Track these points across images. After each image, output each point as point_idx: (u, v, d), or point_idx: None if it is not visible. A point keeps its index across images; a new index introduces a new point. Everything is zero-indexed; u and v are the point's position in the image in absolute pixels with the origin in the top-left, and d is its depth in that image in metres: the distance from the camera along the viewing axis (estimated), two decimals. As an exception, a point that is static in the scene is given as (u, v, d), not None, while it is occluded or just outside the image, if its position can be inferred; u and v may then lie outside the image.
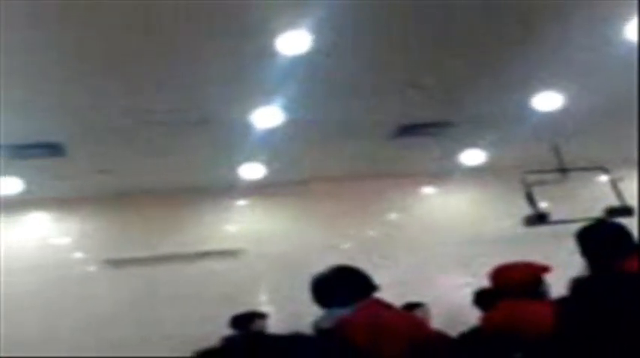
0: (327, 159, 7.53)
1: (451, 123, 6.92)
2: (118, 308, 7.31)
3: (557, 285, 3.69)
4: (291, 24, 4.87)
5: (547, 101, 6.57)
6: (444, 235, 8.09)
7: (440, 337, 3.34)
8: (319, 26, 4.88)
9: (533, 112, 6.70)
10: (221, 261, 7.78)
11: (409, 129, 6.97)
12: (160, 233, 7.74)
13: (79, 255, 7.78)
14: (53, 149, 6.45)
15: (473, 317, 4.43)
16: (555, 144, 7.38)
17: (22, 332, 6.90)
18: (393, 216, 8.41)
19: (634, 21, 5.26)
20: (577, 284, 3.00)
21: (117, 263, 7.61)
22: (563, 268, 4.06)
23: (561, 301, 3.17)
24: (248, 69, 5.40)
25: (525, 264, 3.80)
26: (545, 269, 3.72)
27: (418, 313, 5.95)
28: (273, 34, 4.95)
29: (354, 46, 5.25)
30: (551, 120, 6.81)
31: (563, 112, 6.70)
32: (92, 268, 7.70)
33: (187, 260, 7.66)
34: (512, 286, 3.63)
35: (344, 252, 7.71)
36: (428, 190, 8.65)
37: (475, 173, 8.02)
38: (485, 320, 3.77)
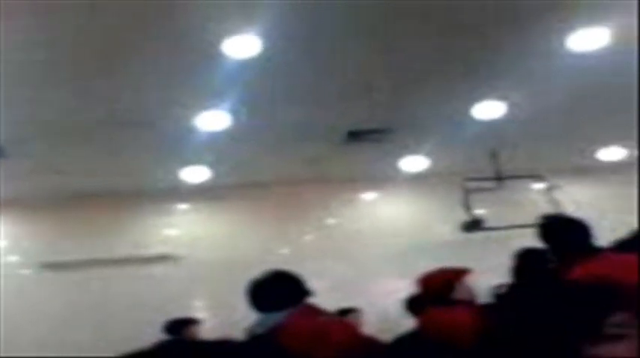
0: (272, 163, 7.54)
1: (394, 130, 6.99)
2: (54, 313, 7.17)
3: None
4: (240, 28, 4.88)
5: (488, 109, 6.70)
6: (383, 241, 8.13)
7: (371, 342, 3.38)
8: (268, 31, 4.90)
9: (474, 120, 6.83)
10: (160, 266, 7.68)
11: (354, 135, 7.04)
12: (99, 236, 7.60)
13: (13, 258, 7.62)
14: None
15: (406, 322, 4.50)
16: (494, 151, 7.54)
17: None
18: (332, 221, 8.43)
19: (576, 33, 5.39)
20: (501, 292, 3.09)
21: (53, 266, 7.45)
22: (498, 273, 4.20)
23: (485, 307, 3.25)
24: (195, 72, 5.38)
25: (442, 270, 3.87)
26: (459, 273, 3.77)
27: (351, 318, 5.97)
28: (220, 37, 4.96)
29: (302, 52, 5.29)
30: (491, 128, 6.93)
31: (504, 121, 6.83)
32: (27, 272, 7.54)
33: (126, 264, 7.52)
34: (430, 292, 3.72)
35: (282, 257, 7.70)
36: (369, 196, 8.70)
37: (416, 179, 8.11)
38: (418, 325, 3.86)
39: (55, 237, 7.62)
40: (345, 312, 6.06)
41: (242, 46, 5.09)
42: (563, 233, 3.55)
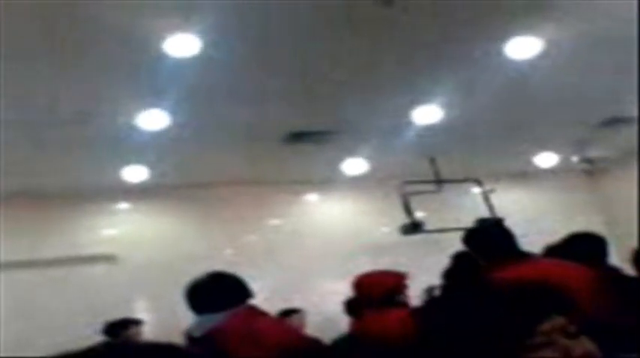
0: (213, 164, 7.50)
1: (335, 132, 7.04)
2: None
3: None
4: (180, 27, 4.82)
5: (427, 114, 6.80)
6: (324, 242, 8.19)
7: (313, 343, 3.37)
8: (208, 30, 4.86)
9: (413, 124, 6.94)
10: (99, 266, 7.55)
11: (295, 137, 7.06)
12: (36, 236, 7.39)
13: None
14: None
15: (347, 324, 4.56)
16: (432, 156, 7.66)
17: None
18: (274, 222, 8.44)
19: (514, 39, 5.51)
20: (434, 294, 3.13)
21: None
22: (436, 275, 4.27)
23: (417, 310, 3.29)
24: (134, 70, 5.30)
25: (377, 273, 3.93)
26: (395, 277, 3.84)
27: (294, 320, 6.01)
28: (161, 36, 4.89)
29: (243, 52, 5.26)
30: (430, 132, 7.05)
31: (442, 125, 6.95)
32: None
33: (64, 264, 7.35)
34: (365, 295, 3.76)
35: (223, 259, 7.66)
36: (310, 198, 8.75)
37: (356, 182, 8.20)
38: (351, 328, 3.89)
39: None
40: (288, 313, 6.07)
41: (182, 45, 5.02)
42: (486, 238, 3.65)
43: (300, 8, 4.77)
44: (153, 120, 6.21)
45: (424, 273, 4.60)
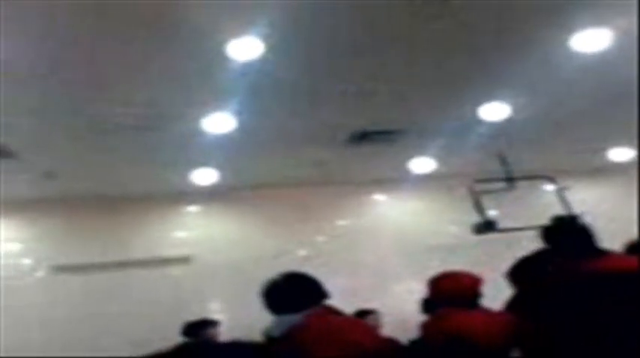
0: (280, 165, 7.53)
1: (401, 132, 6.99)
2: (66, 316, 7.16)
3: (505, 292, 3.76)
4: (242, 30, 4.84)
5: (494, 111, 6.68)
6: (395, 242, 8.15)
7: (391, 344, 3.34)
8: (270, 33, 4.87)
9: (481, 122, 6.82)
10: (172, 268, 7.71)
11: (361, 137, 7.03)
12: (110, 238, 7.63)
13: (26, 261, 7.61)
14: (1, 151, 6.31)
15: (423, 324, 4.48)
16: (502, 153, 7.49)
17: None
18: (344, 223, 8.43)
19: (579, 33, 5.38)
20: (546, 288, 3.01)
21: (65, 269, 7.47)
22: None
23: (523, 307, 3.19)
24: (200, 75, 5.36)
25: (458, 273, 3.85)
26: (477, 279, 3.79)
27: (369, 320, 5.96)
28: (224, 39, 4.92)
29: (306, 54, 5.26)
30: (498, 129, 6.94)
31: (510, 122, 6.83)
32: (40, 274, 7.54)
33: (138, 266, 7.56)
34: (448, 295, 3.69)
35: (295, 259, 7.72)
36: (378, 197, 8.69)
37: (424, 181, 8.12)
38: (423, 327, 3.81)
39: (66, 239, 7.63)
40: (364, 314, 6.02)
41: (245, 47, 5.04)
42: (566, 235, 3.53)
43: (364, 8, 4.74)
44: (219, 123, 6.27)
45: (499, 273, 4.48)
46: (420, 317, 4.81)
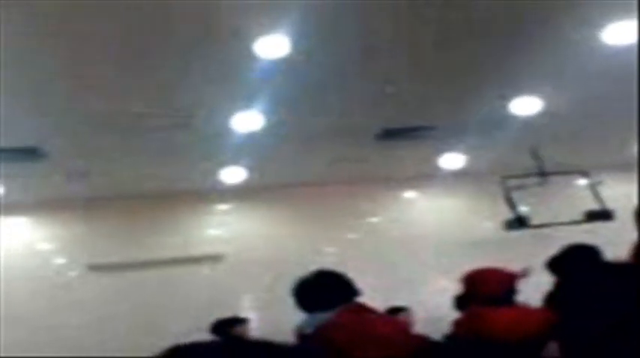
0: (309, 162, 7.53)
1: (431, 128, 6.94)
2: (101, 314, 7.26)
3: (538, 289, 3.72)
4: (269, 28, 4.84)
5: (525, 106, 6.61)
6: (426, 239, 8.12)
7: (424, 341, 3.31)
8: (297, 30, 4.87)
9: (512, 117, 6.74)
10: (203, 266, 7.77)
11: (390, 134, 6.99)
12: (141, 237, 7.71)
13: (61, 260, 7.72)
14: (32, 153, 6.40)
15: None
16: (534, 148, 7.41)
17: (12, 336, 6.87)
18: (374, 220, 8.42)
19: (611, 26, 5.31)
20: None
21: (99, 268, 7.56)
22: (543, 272, 4.08)
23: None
24: (228, 73, 5.38)
25: (496, 269, 3.80)
26: (515, 275, 3.72)
27: (402, 317, 5.93)
28: (252, 38, 4.93)
29: (333, 51, 5.24)
30: (529, 124, 6.85)
31: (542, 117, 6.74)
32: (74, 273, 7.65)
33: (170, 265, 7.63)
34: (482, 291, 3.64)
35: (326, 256, 7.72)
36: (409, 195, 8.67)
37: (455, 177, 8.05)
38: (455, 325, 3.77)
39: (99, 238, 7.71)
40: (396, 311, 6.00)
41: (272, 45, 5.04)
42: None
43: (390, 6, 4.71)
44: (247, 121, 6.29)
45: (532, 269, 4.42)
46: (454, 314, 4.78)
